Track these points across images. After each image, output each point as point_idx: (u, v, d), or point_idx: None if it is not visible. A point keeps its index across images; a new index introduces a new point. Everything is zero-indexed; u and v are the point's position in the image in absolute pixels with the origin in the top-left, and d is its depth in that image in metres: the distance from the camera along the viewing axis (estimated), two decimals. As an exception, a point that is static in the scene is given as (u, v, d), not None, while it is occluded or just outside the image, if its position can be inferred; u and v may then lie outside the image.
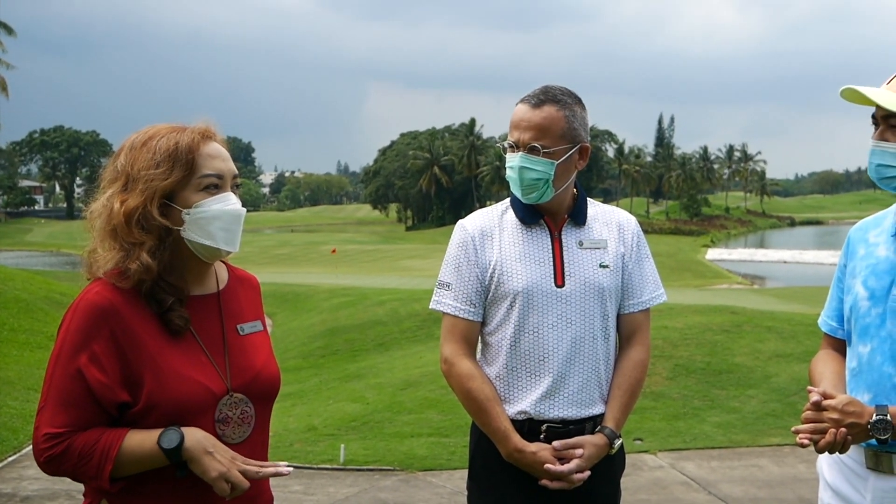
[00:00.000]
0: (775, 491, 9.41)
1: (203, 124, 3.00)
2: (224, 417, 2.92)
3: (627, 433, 9.34)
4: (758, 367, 14.60)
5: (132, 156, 2.89)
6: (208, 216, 2.88)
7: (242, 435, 2.98)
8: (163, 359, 2.82)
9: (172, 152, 2.86)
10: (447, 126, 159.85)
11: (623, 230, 3.91)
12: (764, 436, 11.56)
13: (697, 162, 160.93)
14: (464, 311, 3.80)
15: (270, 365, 3.15)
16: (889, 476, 3.16)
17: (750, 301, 29.85)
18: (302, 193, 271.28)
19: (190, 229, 2.87)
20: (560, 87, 3.79)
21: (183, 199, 2.87)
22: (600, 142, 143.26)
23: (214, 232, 2.89)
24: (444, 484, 9.75)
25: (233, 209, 2.93)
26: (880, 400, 3.13)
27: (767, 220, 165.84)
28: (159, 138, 2.89)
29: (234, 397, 2.95)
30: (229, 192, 2.95)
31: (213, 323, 3.04)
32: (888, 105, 3.07)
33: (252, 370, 3.04)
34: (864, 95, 3.13)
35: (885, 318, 3.19)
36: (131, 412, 2.80)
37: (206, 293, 3.08)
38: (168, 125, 2.98)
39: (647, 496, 9.27)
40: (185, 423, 2.81)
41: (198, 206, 2.87)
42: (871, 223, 3.49)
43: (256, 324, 3.20)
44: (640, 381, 3.88)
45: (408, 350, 19.93)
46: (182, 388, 2.82)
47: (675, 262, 75.59)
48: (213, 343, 2.99)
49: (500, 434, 3.69)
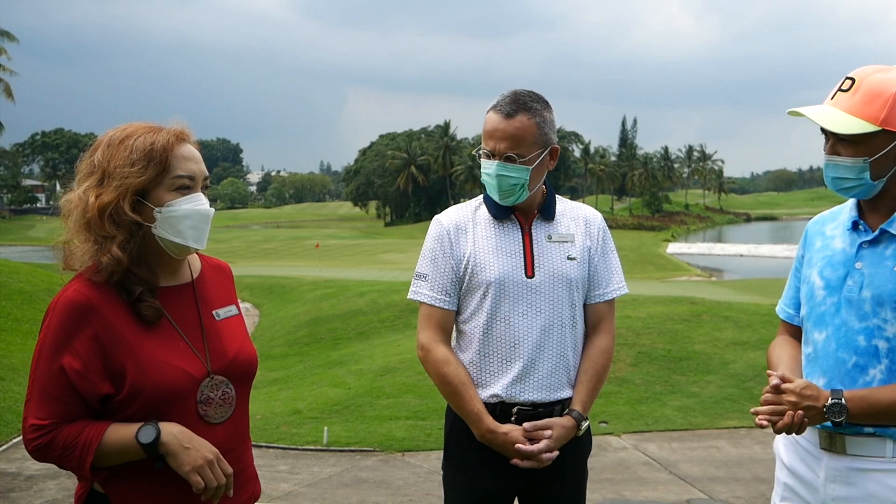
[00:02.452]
0: (732, 470, 9.43)
1: (178, 126, 3.00)
2: (206, 399, 2.94)
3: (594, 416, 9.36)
4: (716, 354, 14.64)
5: (109, 152, 2.89)
6: (179, 215, 2.88)
7: (225, 415, 2.99)
8: (142, 348, 2.82)
9: (148, 152, 2.85)
10: (423, 128, 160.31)
11: (589, 225, 3.91)
12: (722, 419, 11.59)
13: (659, 161, 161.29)
14: (439, 300, 3.81)
15: (247, 346, 3.16)
16: (842, 456, 3.17)
17: (708, 292, 29.93)
18: (287, 191, 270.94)
19: (161, 227, 2.87)
20: (528, 93, 3.79)
21: (155, 197, 2.87)
22: (567, 143, 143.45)
23: (184, 230, 2.89)
24: (421, 464, 9.75)
25: (202, 209, 2.94)
26: (835, 384, 3.14)
27: (725, 216, 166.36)
28: (136, 137, 2.89)
29: (214, 379, 2.96)
30: (199, 193, 2.96)
31: (189, 310, 3.04)
32: (833, 127, 3.07)
33: (230, 352, 3.05)
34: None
35: (840, 307, 3.20)
36: (115, 400, 2.80)
37: (181, 283, 3.08)
38: (145, 124, 2.98)
39: (612, 475, 9.27)
40: (169, 407, 2.83)
41: (169, 205, 2.87)
42: (829, 217, 3.50)
43: (231, 308, 3.21)
44: (605, 367, 3.89)
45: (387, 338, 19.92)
46: (163, 374, 2.83)
47: (637, 256, 75.78)
48: (191, 329, 3.00)
49: (474, 416, 3.70)
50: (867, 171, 3.09)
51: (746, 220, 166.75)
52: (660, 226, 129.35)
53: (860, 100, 3.08)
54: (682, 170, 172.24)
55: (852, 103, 3.09)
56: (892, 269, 3.09)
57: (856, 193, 3.20)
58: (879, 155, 3.07)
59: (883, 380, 3.07)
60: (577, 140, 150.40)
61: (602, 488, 8.74)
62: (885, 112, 3.03)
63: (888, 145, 3.06)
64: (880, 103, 3.04)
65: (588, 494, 4.01)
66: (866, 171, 3.09)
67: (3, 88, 65.27)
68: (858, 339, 3.13)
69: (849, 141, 3.10)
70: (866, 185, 3.13)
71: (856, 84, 3.12)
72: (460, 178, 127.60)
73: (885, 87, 3.06)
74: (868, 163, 3.08)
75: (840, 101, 3.12)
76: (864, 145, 3.08)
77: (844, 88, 3.14)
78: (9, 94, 65.34)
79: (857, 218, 3.28)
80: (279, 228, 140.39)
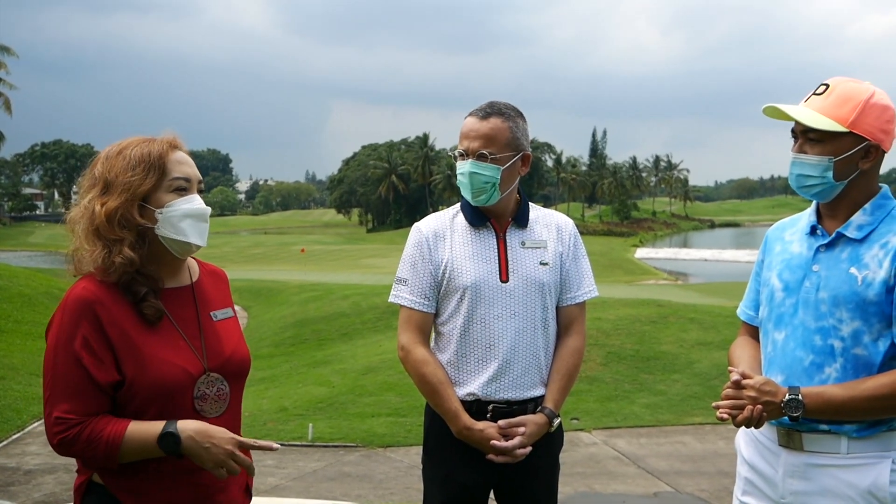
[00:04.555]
0: (697, 464, 9.46)
1: (170, 136, 3.06)
2: (202, 395, 2.96)
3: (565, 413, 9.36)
4: (682, 354, 14.69)
5: (108, 164, 2.95)
6: (179, 214, 2.93)
7: (219, 410, 3.01)
8: (144, 344, 2.84)
9: (146, 159, 2.92)
10: (403, 139, 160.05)
11: (561, 231, 3.92)
12: (687, 416, 11.63)
13: (627, 171, 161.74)
14: (419, 303, 3.82)
15: (241, 347, 3.19)
16: (799, 452, 3.19)
17: (674, 295, 30.03)
18: (274, 199, 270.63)
19: (163, 226, 2.92)
20: (504, 102, 3.82)
21: (156, 200, 2.93)
22: (540, 153, 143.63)
23: (185, 228, 2.95)
24: (401, 459, 9.75)
25: (199, 207, 2.99)
26: (792, 381, 3.15)
27: (690, 222, 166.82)
28: (132, 148, 2.96)
29: (210, 376, 2.98)
30: (196, 194, 3.02)
31: (188, 311, 3.07)
32: (806, 121, 3.10)
33: (226, 351, 3.08)
34: (784, 112, 3.16)
35: (798, 308, 3.22)
36: (119, 393, 2.82)
37: (181, 285, 3.12)
38: (138, 137, 3.05)
39: (584, 469, 9.29)
40: (166, 401, 2.85)
41: (169, 205, 2.93)
42: (788, 224, 3.53)
43: (227, 311, 3.24)
44: (576, 366, 3.91)
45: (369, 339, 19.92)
46: (162, 370, 2.85)
47: (607, 261, 75.94)
48: (190, 329, 3.03)
49: (451, 414, 3.71)
50: (830, 171, 3.12)
51: (711, 227, 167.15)
52: (628, 232, 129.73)
53: (832, 102, 3.12)
54: (649, 179, 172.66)
55: (825, 105, 3.13)
56: (848, 272, 3.11)
57: (816, 193, 3.21)
58: (843, 156, 3.10)
59: (838, 378, 3.09)
60: (549, 150, 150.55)
61: (573, 482, 8.76)
62: (853, 115, 3.07)
63: (853, 148, 3.10)
64: (850, 107, 3.08)
65: (560, 488, 4.02)
66: (830, 170, 3.12)
67: (3, 102, 65.23)
68: (815, 338, 3.15)
69: (816, 140, 3.13)
70: (828, 185, 3.15)
71: (830, 89, 3.16)
72: (439, 187, 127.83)
73: (857, 93, 3.11)
74: (832, 162, 3.11)
75: (813, 103, 3.17)
76: (830, 145, 3.11)
77: (819, 92, 3.19)
78: (7, 107, 65.31)
79: (816, 223, 3.30)
80: (266, 234, 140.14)
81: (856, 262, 3.12)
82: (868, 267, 3.08)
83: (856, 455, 3.11)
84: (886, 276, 3.03)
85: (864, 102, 3.09)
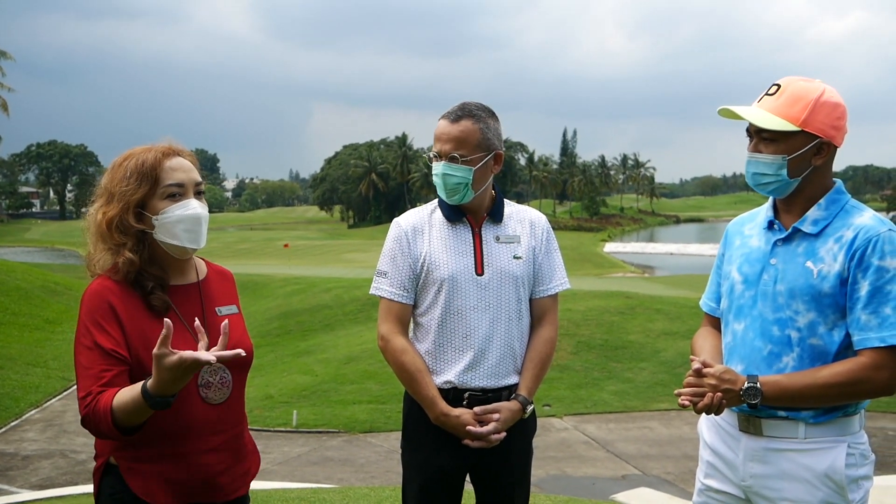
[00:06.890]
0: (664, 449, 9.51)
1: (166, 143, 3.16)
2: (206, 383, 3.10)
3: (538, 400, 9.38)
4: (648, 343, 14.74)
5: (111, 175, 3.09)
6: (172, 220, 3.04)
7: (223, 396, 3.14)
8: (152, 334, 2.87)
9: (140, 170, 3.03)
10: (382, 139, 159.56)
11: (534, 227, 3.92)
12: (654, 402, 11.69)
13: (596, 169, 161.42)
14: (398, 295, 3.82)
15: (244, 339, 3.26)
16: (758, 437, 3.20)
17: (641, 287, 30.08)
18: (259, 197, 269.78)
19: (160, 232, 3.04)
20: (476, 103, 3.82)
21: (152, 207, 3.04)
22: (513, 152, 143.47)
23: (179, 233, 3.05)
24: (381, 444, 9.77)
25: (192, 213, 3.06)
26: (751, 370, 3.17)
27: (656, 218, 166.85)
28: (131, 159, 3.07)
29: (212, 366, 3.00)
30: (191, 199, 3.08)
31: (194, 306, 3.18)
32: (758, 122, 3.11)
33: (229, 344, 3.05)
34: (737, 113, 3.17)
35: (757, 300, 3.23)
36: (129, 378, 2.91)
37: (189, 283, 3.23)
38: (142, 147, 3.14)
39: (555, 453, 9.32)
40: None
41: (164, 212, 3.04)
42: (747, 218, 3.54)
43: (232, 307, 3.33)
44: (549, 355, 3.91)
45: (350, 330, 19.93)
46: None
47: (577, 255, 76.00)
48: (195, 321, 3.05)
49: (429, 401, 3.72)
50: (785, 169, 3.13)
51: (676, 222, 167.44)
52: (597, 227, 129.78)
53: (784, 102, 3.12)
54: (617, 176, 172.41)
55: (777, 105, 3.13)
56: (804, 265, 3.12)
57: (772, 190, 3.22)
58: (797, 154, 3.11)
59: (795, 366, 3.10)
60: (522, 149, 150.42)
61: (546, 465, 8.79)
62: (805, 114, 3.08)
63: (805, 146, 3.10)
64: (801, 106, 3.09)
65: (533, 471, 4.03)
66: (784, 168, 3.13)
67: (0, 104, 64.96)
68: (773, 329, 3.17)
69: (770, 139, 3.13)
70: (783, 182, 3.16)
71: (781, 89, 3.16)
72: (417, 185, 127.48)
73: (807, 93, 3.11)
74: (786, 160, 3.12)
75: (766, 103, 3.17)
76: (783, 144, 3.12)
77: (771, 93, 3.18)
78: (5, 108, 65.08)
79: (773, 218, 3.31)
80: (252, 230, 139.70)
81: (811, 256, 3.13)
82: (823, 260, 3.10)
83: (813, 440, 3.13)
84: (840, 270, 3.05)
85: (814, 101, 3.10)
